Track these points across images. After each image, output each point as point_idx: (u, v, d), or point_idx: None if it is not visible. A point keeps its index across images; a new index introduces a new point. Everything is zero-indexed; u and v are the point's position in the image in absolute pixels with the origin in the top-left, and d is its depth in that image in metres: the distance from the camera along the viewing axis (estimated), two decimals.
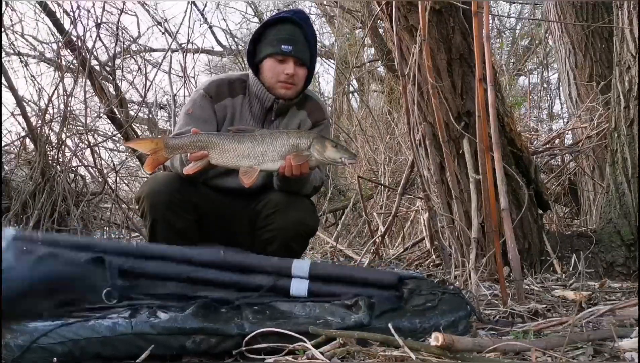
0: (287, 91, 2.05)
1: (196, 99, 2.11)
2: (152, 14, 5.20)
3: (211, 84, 2.13)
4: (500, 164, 2.05)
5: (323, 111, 2.20)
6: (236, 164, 1.83)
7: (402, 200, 4.00)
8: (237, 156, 1.83)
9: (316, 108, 2.17)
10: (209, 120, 2.07)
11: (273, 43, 2.02)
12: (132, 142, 1.83)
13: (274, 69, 2.03)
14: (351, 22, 7.61)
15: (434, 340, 1.28)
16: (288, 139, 1.85)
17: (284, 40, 2.01)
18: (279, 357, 1.36)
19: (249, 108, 2.11)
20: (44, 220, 3.37)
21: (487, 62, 2.06)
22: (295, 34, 2.03)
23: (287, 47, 2.00)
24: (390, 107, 6.26)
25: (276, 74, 2.03)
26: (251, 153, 1.83)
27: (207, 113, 2.08)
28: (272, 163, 1.85)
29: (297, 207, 2.01)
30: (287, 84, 2.04)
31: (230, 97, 2.11)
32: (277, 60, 2.02)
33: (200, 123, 2.03)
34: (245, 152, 1.83)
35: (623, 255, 2.65)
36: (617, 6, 2.74)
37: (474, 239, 2.49)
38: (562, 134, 4.24)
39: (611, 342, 1.45)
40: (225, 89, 2.11)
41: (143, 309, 1.45)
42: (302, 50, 2.04)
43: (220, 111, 2.10)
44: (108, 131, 4.93)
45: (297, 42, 2.02)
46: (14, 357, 1.31)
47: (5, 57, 3.87)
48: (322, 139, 1.88)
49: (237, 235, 2.08)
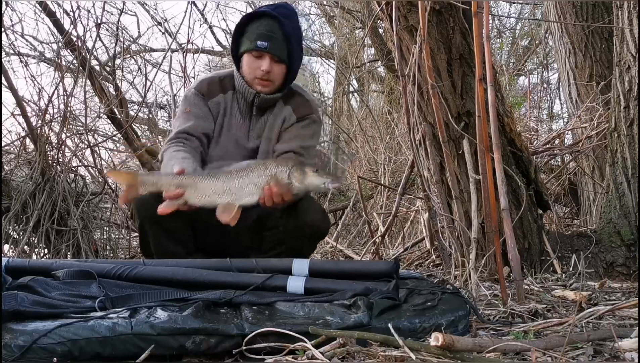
0: (264, 88, 2.05)
1: (190, 97, 2.12)
2: (152, 14, 5.21)
3: (202, 82, 2.15)
4: (500, 165, 2.05)
5: (310, 107, 2.16)
6: (213, 202, 1.75)
7: (402, 200, 4.00)
8: (214, 193, 1.74)
9: (302, 103, 2.15)
10: (207, 116, 2.10)
11: (251, 38, 2.01)
12: (112, 173, 1.85)
13: (251, 65, 2.03)
14: (351, 22, 7.61)
15: (434, 340, 1.28)
16: (265, 170, 1.77)
17: (260, 36, 1.99)
18: (279, 357, 1.36)
19: (237, 103, 2.13)
20: (44, 220, 3.37)
21: (487, 62, 2.06)
22: (272, 29, 2.00)
23: (262, 43, 1.99)
24: (390, 107, 6.26)
25: (253, 70, 2.03)
26: (227, 189, 1.75)
27: (203, 110, 2.10)
28: (250, 197, 1.76)
29: (310, 209, 2.00)
30: (263, 80, 2.03)
31: (222, 93, 2.12)
32: (253, 56, 2.02)
33: (200, 120, 2.07)
34: (221, 188, 1.75)
35: (623, 255, 2.65)
36: (617, 6, 2.74)
37: (474, 239, 2.49)
38: (562, 134, 4.24)
39: (611, 342, 1.45)
40: (217, 85, 2.13)
41: (142, 309, 1.45)
42: (279, 46, 2.01)
43: (214, 107, 2.12)
44: (108, 131, 4.93)
45: (274, 38, 2.00)
46: (14, 357, 1.31)
47: (5, 57, 3.87)
48: (301, 165, 1.79)
49: (238, 234, 2.05)
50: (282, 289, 1.63)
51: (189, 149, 2.01)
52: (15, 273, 1.68)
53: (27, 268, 1.72)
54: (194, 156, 1.98)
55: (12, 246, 3.47)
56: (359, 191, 4.19)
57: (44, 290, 1.54)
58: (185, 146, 2.02)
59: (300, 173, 1.76)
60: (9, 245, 3.48)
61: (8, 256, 2.16)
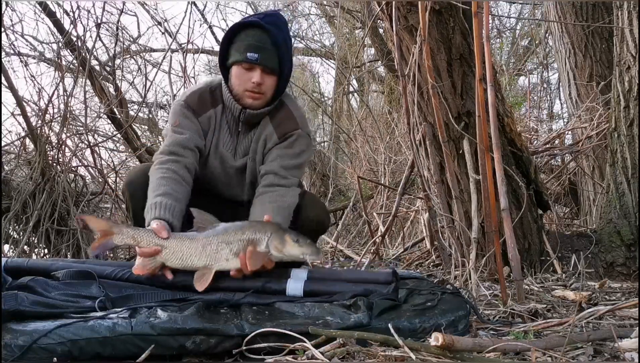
0: (255, 101, 1.96)
1: (178, 111, 2.00)
2: (152, 14, 5.21)
3: (192, 96, 2.03)
4: (500, 165, 2.05)
5: (294, 121, 2.03)
6: (190, 265, 1.66)
7: (402, 200, 4.01)
8: (190, 256, 1.66)
9: (287, 118, 2.04)
10: (198, 130, 2.00)
11: (240, 50, 1.93)
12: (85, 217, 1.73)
13: (241, 77, 1.94)
14: (351, 22, 7.61)
15: (434, 340, 1.28)
16: (242, 235, 1.65)
17: (250, 48, 1.91)
18: (279, 357, 1.36)
19: (225, 117, 2.03)
20: (44, 220, 3.37)
21: (487, 62, 2.06)
22: (262, 40, 1.92)
23: (252, 55, 1.90)
24: (390, 107, 6.26)
25: (243, 82, 1.94)
26: (204, 253, 1.65)
27: (193, 123, 2.00)
28: (225, 262, 1.65)
29: (312, 204, 2.03)
30: (254, 93, 1.94)
31: (213, 107, 2.02)
32: (243, 68, 1.93)
33: (193, 132, 1.98)
34: (197, 252, 1.65)
35: (623, 255, 2.65)
36: (617, 6, 2.74)
37: (473, 239, 2.49)
38: (562, 134, 4.24)
39: (611, 342, 1.45)
40: (208, 98, 2.03)
41: (142, 309, 1.45)
42: (270, 57, 1.93)
43: (205, 123, 2.02)
44: (108, 131, 4.94)
45: (264, 49, 1.92)
46: (14, 357, 1.31)
47: (5, 57, 3.88)
48: (281, 233, 1.66)
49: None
50: (281, 292, 1.63)
51: (176, 177, 1.87)
52: (14, 273, 1.67)
53: (26, 269, 1.72)
54: (179, 186, 1.85)
55: (12, 246, 3.47)
56: (359, 191, 4.20)
57: (43, 290, 1.54)
58: (174, 173, 1.87)
59: (280, 241, 1.65)
60: (9, 245, 3.49)
61: (8, 256, 2.15)
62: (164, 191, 1.79)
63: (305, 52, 8.77)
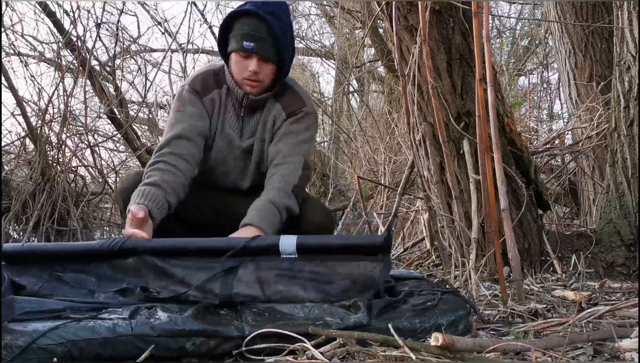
0: (252, 89, 2.00)
1: (184, 95, 2.05)
2: (152, 14, 5.21)
3: (196, 78, 2.07)
4: (500, 165, 2.05)
5: (302, 100, 2.08)
6: None
7: (402, 200, 4.00)
8: None
9: (293, 98, 2.08)
10: (202, 115, 2.04)
11: (237, 38, 1.95)
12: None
13: (239, 65, 1.98)
14: (351, 22, 7.61)
15: (434, 340, 1.28)
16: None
17: (246, 37, 1.93)
18: (279, 358, 1.36)
19: (231, 99, 2.07)
20: (44, 220, 3.37)
21: (487, 62, 2.06)
22: (258, 29, 1.93)
23: (248, 45, 1.93)
24: (390, 107, 6.26)
25: (241, 70, 1.98)
26: None
27: (198, 108, 2.03)
28: None
29: (319, 212, 2.03)
30: (252, 81, 1.98)
31: (217, 88, 2.06)
32: (241, 56, 1.96)
33: (194, 119, 2.01)
34: None
35: (623, 255, 2.65)
36: (617, 6, 2.74)
37: (473, 239, 2.49)
38: (562, 134, 4.25)
39: (611, 342, 1.45)
40: (211, 81, 2.07)
41: (142, 310, 1.45)
42: (266, 46, 1.94)
43: (209, 105, 2.05)
44: (108, 131, 4.94)
45: (259, 38, 1.93)
46: (13, 357, 1.31)
47: (5, 57, 3.88)
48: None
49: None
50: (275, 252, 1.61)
51: (168, 168, 1.90)
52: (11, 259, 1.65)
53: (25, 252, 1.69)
54: (169, 175, 1.88)
55: None
56: (359, 191, 4.20)
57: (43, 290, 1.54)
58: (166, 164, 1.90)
59: None
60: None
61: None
62: (152, 181, 1.85)
63: (305, 52, 8.77)
